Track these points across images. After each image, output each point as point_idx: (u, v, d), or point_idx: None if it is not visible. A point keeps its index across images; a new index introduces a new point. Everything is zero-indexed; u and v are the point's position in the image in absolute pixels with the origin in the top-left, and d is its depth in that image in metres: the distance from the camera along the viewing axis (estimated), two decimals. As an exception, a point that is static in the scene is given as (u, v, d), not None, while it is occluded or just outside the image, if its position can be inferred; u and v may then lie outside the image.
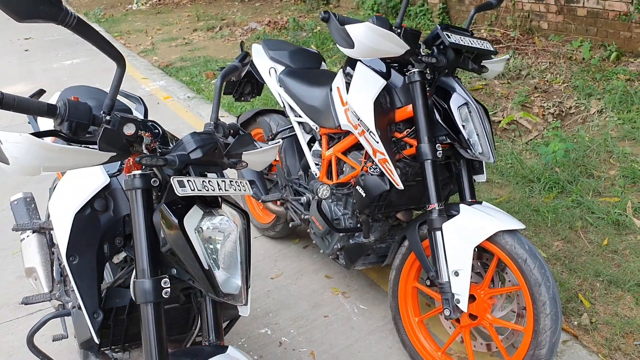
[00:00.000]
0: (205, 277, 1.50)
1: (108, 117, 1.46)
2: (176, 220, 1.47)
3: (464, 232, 2.06)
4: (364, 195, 2.31)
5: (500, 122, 4.73)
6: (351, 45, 1.97)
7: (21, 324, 2.82)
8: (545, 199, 3.55)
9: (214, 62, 7.61)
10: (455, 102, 2.15)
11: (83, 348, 1.76)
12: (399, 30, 2.09)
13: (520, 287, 2.03)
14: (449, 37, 2.12)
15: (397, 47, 2.02)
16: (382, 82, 2.25)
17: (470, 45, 2.16)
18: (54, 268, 2.46)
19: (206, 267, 1.51)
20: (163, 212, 1.49)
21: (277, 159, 3.13)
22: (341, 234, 2.55)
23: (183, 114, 5.76)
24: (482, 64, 2.33)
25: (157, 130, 1.73)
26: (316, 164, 2.77)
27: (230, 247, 1.61)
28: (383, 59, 2.34)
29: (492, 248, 2.06)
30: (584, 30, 6.00)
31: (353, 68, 2.39)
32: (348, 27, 1.95)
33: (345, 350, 2.52)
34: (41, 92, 2.54)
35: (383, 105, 2.25)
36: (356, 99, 2.25)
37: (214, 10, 11.74)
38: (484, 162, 2.33)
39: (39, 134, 1.34)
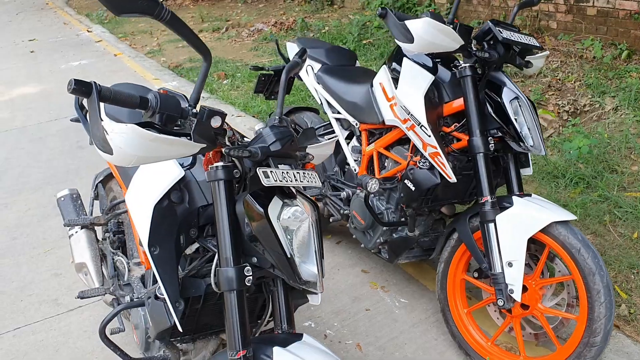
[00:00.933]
0: (288, 264, 1.54)
1: (195, 110, 1.50)
2: (262, 210, 1.50)
3: (518, 223, 2.10)
4: (413, 189, 2.35)
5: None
6: (411, 40, 2.01)
7: (62, 320, 2.84)
8: (571, 194, 3.60)
9: (224, 62, 7.64)
10: (507, 95, 2.19)
11: (158, 338, 1.79)
12: (451, 26, 2.14)
13: (573, 276, 2.08)
14: (501, 33, 2.16)
15: (453, 41, 2.07)
16: (430, 77, 2.29)
17: (519, 40, 2.21)
18: (107, 262, 2.49)
19: (288, 255, 1.54)
20: (248, 202, 1.52)
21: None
22: (384, 228, 2.59)
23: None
24: (526, 59, 2.38)
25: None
26: (355, 160, 2.81)
27: (303, 236, 1.64)
28: (428, 54, 2.38)
29: (544, 239, 2.11)
30: (594, 30, 6.07)
31: (399, 64, 2.43)
32: (408, 23, 2.00)
33: (390, 342, 2.56)
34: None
35: (432, 100, 2.29)
36: (406, 93, 2.29)
37: (217, 11, 11.75)
38: (529, 155, 2.38)
39: (140, 125, 1.37)
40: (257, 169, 1.49)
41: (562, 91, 5.37)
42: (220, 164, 1.57)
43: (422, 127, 2.22)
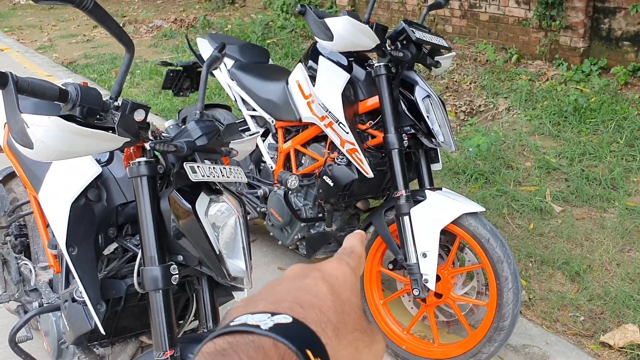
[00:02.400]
0: (217, 261, 1.52)
1: (117, 103, 1.45)
2: (189, 206, 1.48)
3: (431, 215, 2.19)
4: (331, 184, 2.39)
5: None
6: (330, 37, 2.04)
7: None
8: (472, 188, 3.80)
9: (121, 59, 7.36)
10: (419, 94, 2.28)
11: (75, 343, 1.71)
12: (373, 24, 2.20)
13: (483, 265, 2.20)
14: (414, 33, 2.25)
15: (370, 40, 2.13)
16: (346, 75, 2.34)
17: (432, 41, 2.30)
18: (9, 268, 2.34)
19: (217, 251, 1.53)
20: (174, 199, 1.50)
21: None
22: (302, 224, 2.61)
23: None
24: (435, 59, 2.49)
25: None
26: (271, 157, 2.81)
27: (230, 232, 1.64)
28: (345, 53, 2.43)
29: (455, 230, 2.22)
30: (487, 34, 6.42)
31: (315, 62, 2.47)
32: (328, 20, 2.03)
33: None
34: None
35: (349, 98, 2.35)
36: (324, 91, 2.33)
37: (112, 6, 11.32)
38: (439, 151, 2.49)
39: (64, 118, 1.31)
40: (185, 164, 1.47)
41: (459, 92, 5.65)
42: (143, 159, 1.52)
43: (340, 124, 2.27)
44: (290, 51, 7.00)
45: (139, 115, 1.47)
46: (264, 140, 2.89)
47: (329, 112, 2.30)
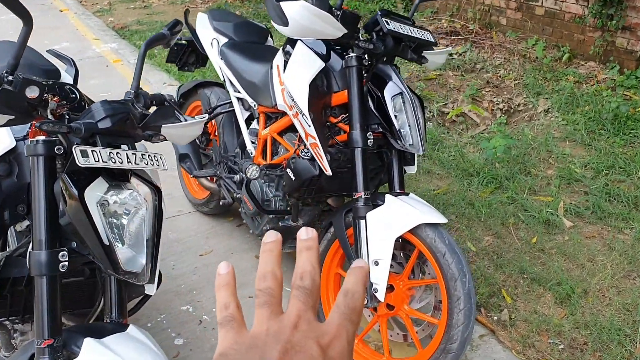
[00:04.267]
0: (104, 252, 1.45)
1: (10, 78, 1.38)
2: (76, 191, 1.40)
3: (387, 222, 2.05)
4: (293, 178, 2.28)
5: (449, 113, 4.75)
6: (285, 23, 1.91)
7: None
8: (481, 193, 3.58)
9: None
10: (389, 91, 2.12)
11: None
12: (338, 12, 2.05)
13: (438, 280, 2.04)
14: (388, 25, 2.08)
15: (333, 29, 1.98)
16: (320, 64, 2.20)
17: (409, 34, 2.13)
18: None
19: (106, 242, 1.45)
20: (64, 182, 1.42)
21: (216, 134, 3.07)
22: (270, 216, 2.51)
23: (131, 78, 5.59)
24: (422, 54, 2.31)
25: (73, 95, 1.66)
26: (253, 143, 2.72)
27: (137, 224, 1.56)
28: (325, 41, 2.29)
29: (413, 240, 2.06)
30: (540, 30, 6.06)
31: (293, 47, 2.34)
32: (283, 5, 1.90)
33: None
34: None
35: (319, 88, 2.21)
36: (292, 79, 2.20)
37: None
38: (416, 153, 2.32)
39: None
40: (74, 147, 1.39)
41: (500, 88, 5.35)
42: (42, 138, 1.46)
43: (304, 116, 2.14)
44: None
45: (31, 92, 1.40)
46: (250, 125, 2.79)
47: (294, 101, 2.17)
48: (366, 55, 2.15)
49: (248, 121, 2.78)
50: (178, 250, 3.01)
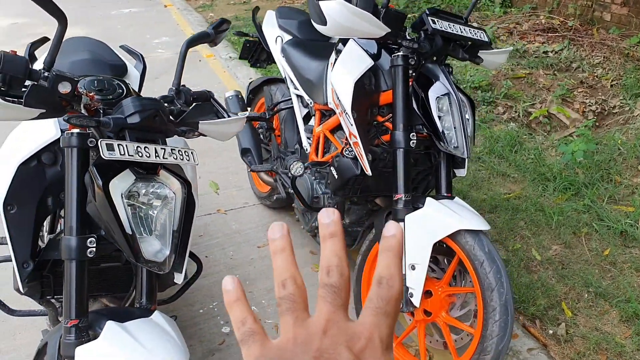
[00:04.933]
0: (126, 241, 1.52)
1: (47, 74, 1.48)
2: (101, 182, 1.48)
3: (425, 226, 2.00)
4: (336, 177, 2.28)
5: (532, 114, 4.54)
6: (324, 22, 1.91)
7: None
8: (556, 199, 3.41)
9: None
10: (435, 91, 2.07)
11: (28, 295, 1.82)
12: (384, 10, 2.02)
13: (475, 289, 1.97)
14: (434, 24, 2.03)
15: (375, 28, 1.95)
16: (368, 63, 2.19)
17: (459, 33, 2.06)
18: None
19: (129, 232, 1.53)
20: (91, 173, 1.51)
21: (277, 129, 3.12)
22: (320, 212, 2.52)
23: (221, 73, 5.79)
24: (478, 54, 2.23)
25: (120, 90, 1.75)
26: (308, 140, 2.74)
27: (166, 216, 1.63)
28: (376, 39, 2.26)
29: (453, 246, 2.01)
30: (647, 26, 5.65)
31: (344, 44, 2.33)
32: (322, 3, 1.90)
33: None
34: (45, 39, 2.60)
35: (367, 87, 2.19)
36: (339, 77, 2.20)
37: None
38: (460, 156, 2.25)
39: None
40: (100, 140, 1.47)
41: (595, 89, 5.06)
42: (77, 130, 1.55)
43: (347, 114, 2.14)
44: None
45: (64, 88, 1.49)
46: (308, 122, 2.81)
47: (339, 99, 2.17)
48: (414, 55, 2.10)
49: (306, 118, 2.81)
50: (238, 241, 3.09)
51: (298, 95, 2.82)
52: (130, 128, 1.55)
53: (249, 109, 3.45)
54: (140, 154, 1.54)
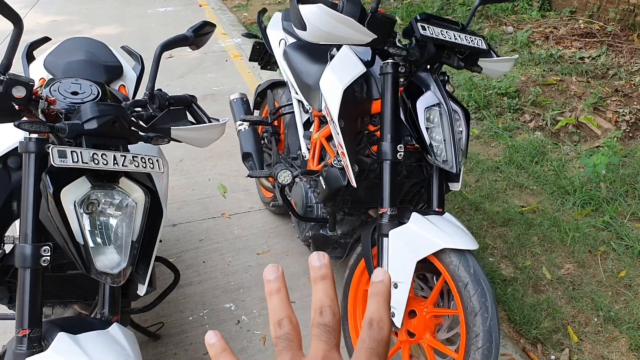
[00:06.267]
0: (76, 251, 1.47)
1: (2, 78, 1.45)
2: (52, 189, 1.44)
3: (409, 243, 1.90)
4: (324, 186, 2.19)
5: (559, 122, 4.35)
6: (304, 27, 1.83)
7: None
8: (575, 215, 3.23)
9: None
10: (424, 101, 1.96)
11: None
12: (369, 16, 1.92)
13: (458, 311, 1.86)
14: (424, 30, 1.92)
15: (359, 34, 1.86)
16: (360, 69, 2.09)
17: (449, 40, 1.95)
18: None
19: (80, 241, 1.48)
20: (43, 180, 1.47)
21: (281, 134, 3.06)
22: (312, 222, 2.45)
23: (245, 74, 5.77)
24: (477, 62, 2.11)
25: (95, 93, 1.72)
26: (307, 146, 2.66)
27: (125, 225, 1.57)
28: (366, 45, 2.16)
29: (438, 265, 1.90)
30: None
31: (338, 49, 2.25)
32: (301, 7, 1.81)
33: (298, 340, 2.44)
34: (46, 39, 2.58)
35: (357, 94, 2.10)
36: (328, 83, 2.11)
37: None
38: (462, 168, 2.13)
39: None
40: (51, 147, 1.42)
41: (631, 98, 4.82)
42: (35, 136, 1.52)
43: (334, 123, 2.05)
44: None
45: (18, 92, 1.45)
46: (309, 128, 2.73)
47: (327, 107, 2.08)
48: (405, 62, 2.00)
49: (307, 124, 2.73)
50: (238, 247, 3.04)
51: (299, 101, 2.74)
52: (88, 134, 1.51)
53: (257, 112, 3.40)
54: (97, 161, 1.49)
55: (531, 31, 6.27)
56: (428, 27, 1.93)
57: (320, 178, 2.21)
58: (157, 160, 1.65)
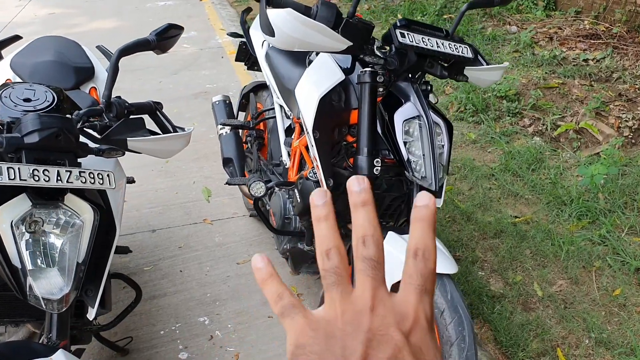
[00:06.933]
0: (11, 275, 1.36)
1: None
2: (-16, 209, 1.33)
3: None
4: (299, 200, 2.07)
5: (559, 127, 4.21)
6: (272, 33, 1.70)
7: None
8: (571, 227, 3.10)
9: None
10: (402, 113, 1.83)
11: None
12: (344, 21, 1.79)
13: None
14: (403, 37, 1.79)
15: (332, 41, 1.73)
16: (338, 77, 1.97)
17: (430, 48, 1.82)
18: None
19: (17, 264, 1.37)
20: (-23, 200, 1.36)
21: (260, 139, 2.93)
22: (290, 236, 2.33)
23: (240, 72, 5.64)
24: (463, 71, 1.98)
25: (48, 101, 1.60)
26: (288, 154, 2.54)
27: (68, 245, 1.46)
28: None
29: (414, 288, 1.77)
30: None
31: (317, 55, 2.12)
32: (269, 12, 1.69)
33: (272, 359, 2.33)
34: (16, 37, 2.47)
35: (335, 103, 1.98)
36: (303, 91, 1.99)
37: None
38: (444, 184, 2.00)
39: None
40: (-15, 163, 1.31)
41: (635, 103, 4.67)
42: None
43: (308, 133, 1.93)
44: (464, 30, 6.38)
45: (-50, 102, 1.34)
46: (290, 134, 2.61)
47: (302, 116, 1.96)
48: (382, 71, 1.86)
49: (289, 130, 2.61)
50: (217, 256, 2.92)
51: (281, 105, 2.62)
52: (28, 148, 1.39)
53: (242, 114, 3.28)
54: (37, 178, 1.37)
55: (535, 31, 6.11)
56: (408, 34, 1.80)
57: (295, 190, 2.09)
58: (107, 175, 1.53)
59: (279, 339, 2.41)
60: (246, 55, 3.18)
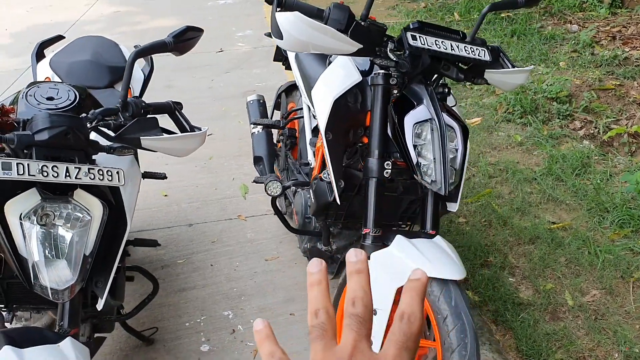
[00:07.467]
0: (19, 265, 1.44)
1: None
2: (-5, 202, 1.41)
3: (390, 268, 1.77)
4: (313, 200, 2.09)
5: (609, 132, 4.04)
6: (280, 36, 1.72)
7: None
8: (612, 235, 2.98)
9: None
10: (413, 116, 1.81)
11: None
12: (364, 24, 1.79)
13: (436, 344, 1.72)
14: (414, 40, 1.77)
15: (341, 43, 1.73)
16: (355, 78, 1.98)
17: (444, 51, 1.79)
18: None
19: (24, 255, 1.45)
20: (-12, 193, 1.44)
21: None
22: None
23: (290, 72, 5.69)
24: (485, 74, 1.95)
25: (70, 100, 1.69)
26: (314, 154, 2.56)
27: (76, 238, 1.54)
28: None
29: (420, 293, 1.76)
30: None
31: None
32: (277, 15, 1.71)
33: (291, 356, 2.36)
34: (59, 37, 2.60)
35: (350, 105, 1.98)
36: (319, 93, 2.01)
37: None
38: (460, 188, 1.98)
39: None
40: (-5, 159, 1.39)
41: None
42: None
43: (322, 135, 1.94)
44: (520, 29, 6.19)
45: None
46: (316, 135, 2.63)
47: (316, 118, 1.98)
48: (394, 73, 1.85)
49: (316, 130, 2.63)
50: (248, 251, 2.98)
51: (308, 106, 2.64)
52: (38, 145, 1.47)
53: (278, 112, 3.32)
54: (46, 174, 1.45)
55: (597, 30, 5.88)
56: (420, 37, 1.78)
57: (310, 191, 2.12)
58: (117, 172, 1.60)
59: (299, 338, 2.44)
60: (283, 55, 3.22)
